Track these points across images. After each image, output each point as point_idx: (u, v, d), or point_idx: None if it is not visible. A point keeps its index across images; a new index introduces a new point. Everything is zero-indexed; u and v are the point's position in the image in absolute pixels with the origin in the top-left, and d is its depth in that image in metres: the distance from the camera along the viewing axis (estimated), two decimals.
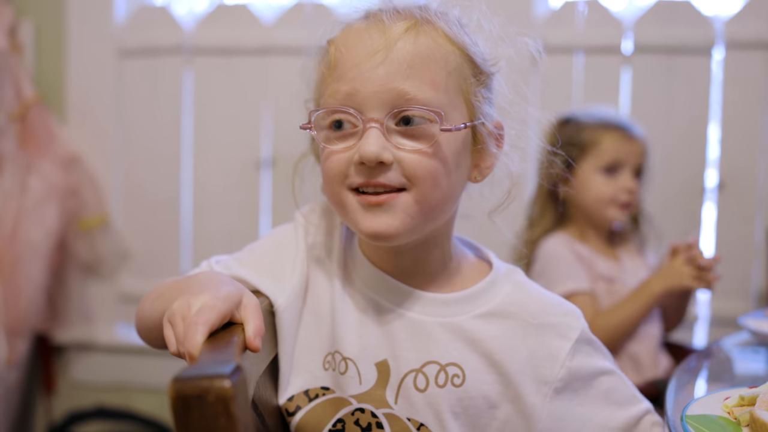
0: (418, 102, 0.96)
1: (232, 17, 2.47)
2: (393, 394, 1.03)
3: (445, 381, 1.02)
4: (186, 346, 0.82)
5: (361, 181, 0.98)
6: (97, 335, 2.60)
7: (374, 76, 0.96)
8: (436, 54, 0.99)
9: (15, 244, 2.37)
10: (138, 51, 2.52)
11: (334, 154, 1.00)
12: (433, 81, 0.98)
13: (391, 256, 1.07)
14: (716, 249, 2.31)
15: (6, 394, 2.39)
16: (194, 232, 2.54)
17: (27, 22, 2.54)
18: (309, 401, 1.05)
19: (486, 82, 1.04)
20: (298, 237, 1.13)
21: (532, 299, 1.07)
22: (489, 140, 1.04)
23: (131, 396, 2.59)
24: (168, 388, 0.71)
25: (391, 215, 0.98)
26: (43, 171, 2.43)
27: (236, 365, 0.74)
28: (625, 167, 1.91)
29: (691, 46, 2.28)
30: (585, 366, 1.04)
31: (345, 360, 1.05)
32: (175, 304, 0.88)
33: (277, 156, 2.45)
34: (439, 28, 1.01)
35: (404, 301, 1.06)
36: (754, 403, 0.94)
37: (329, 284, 1.10)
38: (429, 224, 1.01)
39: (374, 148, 0.95)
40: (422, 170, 0.97)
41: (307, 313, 1.09)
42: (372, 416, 1.02)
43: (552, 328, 1.04)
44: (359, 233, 1.02)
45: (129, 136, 2.56)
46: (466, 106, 1.02)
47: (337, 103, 0.99)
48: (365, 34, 1.00)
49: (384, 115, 0.97)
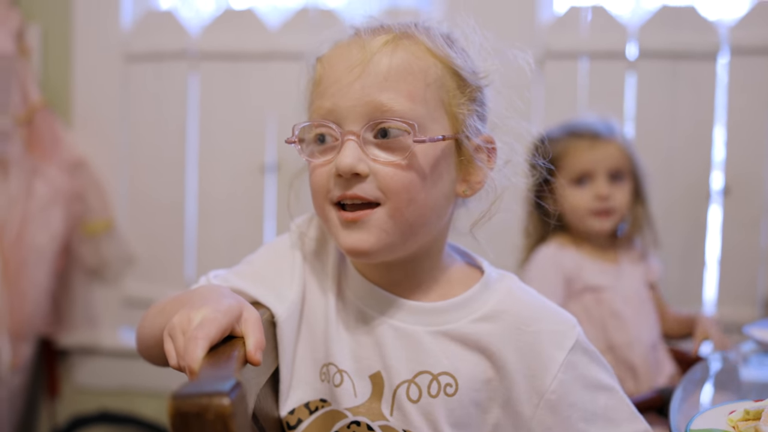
0: (395, 113, 0.96)
1: (238, 22, 2.47)
2: (388, 406, 1.02)
3: (437, 391, 1.01)
4: (186, 361, 0.82)
5: (339, 193, 0.98)
6: (102, 339, 2.60)
7: (351, 90, 0.98)
8: (414, 66, 0.99)
9: (20, 248, 2.38)
10: (144, 56, 2.52)
11: (317, 168, 1.01)
12: (410, 93, 0.98)
13: (381, 269, 1.07)
14: (721, 254, 2.30)
15: (10, 398, 2.40)
16: (199, 237, 2.55)
17: (34, 26, 2.54)
18: (310, 414, 1.05)
19: (473, 96, 1.04)
20: (294, 247, 1.13)
21: (525, 306, 1.05)
22: (476, 154, 1.03)
23: (135, 400, 2.59)
24: (167, 404, 0.71)
25: (366, 231, 0.98)
26: (49, 175, 2.44)
27: (236, 381, 0.74)
28: (596, 175, 1.90)
29: (696, 51, 2.27)
30: (581, 379, 1.02)
31: (340, 372, 1.04)
32: (176, 318, 0.88)
33: (282, 161, 2.45)
34: (420, 41, 1.01)
35: (394, 312, 1.06)
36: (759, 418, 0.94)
37: (323, 295, 1.10)
38: (409, 240, 1.01)
39: (349, 160, 0.96)
40: (395, 183, 0.97)
41: (304, 325, 1.09)
42: (368, 429, 1.02)
43: (545, 336, 1.02)
44: (341, 250, 1.03)
45: (135, 141, 2.57)
46: (449, 118, 1.01)
47: (320, 118, 1.00)
48: (346, 51, 1.01)
49: (361, 127, 0.97)
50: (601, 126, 1.94)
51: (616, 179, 1.91)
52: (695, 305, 2.30)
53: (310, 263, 1.12)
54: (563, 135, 1.92)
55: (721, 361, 1.48)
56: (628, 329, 1.86)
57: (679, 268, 2.29)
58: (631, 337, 1.85)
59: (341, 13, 2.39)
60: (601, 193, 1.88)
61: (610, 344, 1.85)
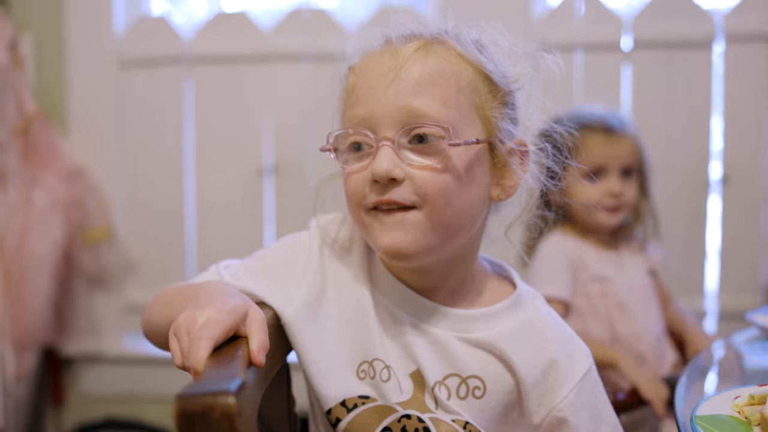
0: (428, 118, 0.97)
1: (231, 25, 2.47)
2: (432, 400, 1.04)
3: (466, 393, 1.03)
4: (191, 361, 0.82)
5: (375, 198, 0.99)
6: (105, 347, 2.60)
7: (385, 97, 0.99)
8: (446, 71, 1.00)
9: (21, 258, 2.37)
10: (138, 62, 2.52)
11: (353, 174, 1.02)
12: (443, 97, 0.99)
13: (416, 273, 1.07)
14: (722, 243, 2.30)
15: (15, 407, 2.39)
16: (199, 241, 2.54)
17: (27, 36, 2.54)
18: (348, 412, 1.05)
19: (505, 99, 1.05)
20: (312, 247, 1.13)
21: (549, 328, 1.08)
22: (510, 158, 1.04)
23: (140, 406, 2.59)
24: (172, 405, 0.71)
25: (403, 231, 0.98)
26: (47, 184, 2.44)
27: (241, 381, 0.74)
28: (610, 170, 1.88)
29: (690, 40, 2.27)
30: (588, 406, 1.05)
31: (387, 368, 1.05)
32: (181, 318, 0.89)
33: (280, 163, 2.45)
34: (451, 47, 1.02)
35: (426, 316, 1.07)
36: (764, 402, 0.94)
37: (355, 294, 1.10)
38: (446, 243, 1.01)
39: (385, 165, 0.97)
40: (432, 187, 0.97)
41: (329, 323, 1.09)
42: (419, 421, 1.03)
43: (563, 359, 1.05)
44: (379, 253, 1.03)
45: (131, 147, 2.56)
46: (482, 122, 1.02)
47: (354, 125, 1.01)
48: (378, 58, 1.02)
49: (395, 133, 0.98)
50: (614, 120, 1.92)
51: (627, 175, 1.90)
52: (697, 294, 2.31)
53: (334, 264, 1.12)
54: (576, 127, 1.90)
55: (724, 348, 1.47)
56: (635, 320, 1.86)
57: (680, 258, 2.29)
58: (638, 327, 1.85)
59: (334, 14, 2.39)
60: (614, 190, 1.87)
61: (616, 336, 1.85)
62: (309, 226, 1.16)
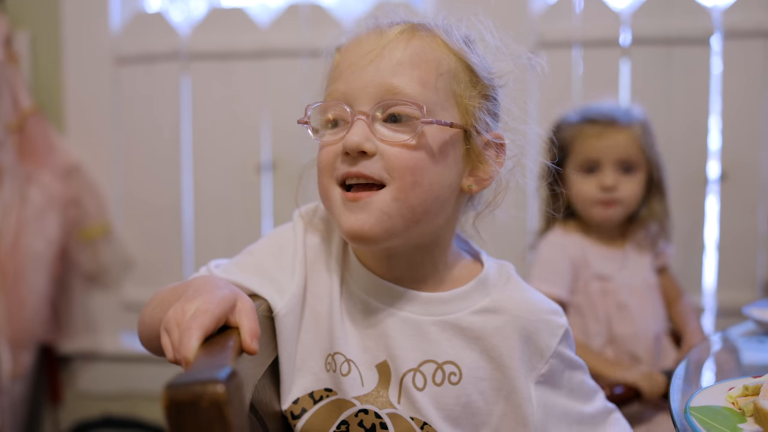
0: (405, 96, 0.98)
1: (228, 21, 2.46)
2: (395, 394, 1.03)
3: (442, 379, 1.03)
4: (181, 352, 0.82)
5: (344, 170, 0.99)
6: (102, 345, 2.59)
7: (365, 73, 1.00)
8: (429, 55, 1.02)
9: (17, 256, 2.37)
10: (135, 58, 2.52)
11: (326, 146, 1.03)
12: (422, 78, 1.00)
13: (383, 260, 1.07)
14: (720, 240, 2.30)
15: (12, 406, 2.39)
16: (196, 238, 2.54)
17: (22, 32, 2.54)
18: (314, 403, 1.05)
19: (485, 92, 1.05)
20: (297, 237, 1.13)
21: (523, 297, 1.08)
22: (485, 149, 1.04)
23: (137, 404, 2.59)
24: (161, 394, 0.71)
25: (368, 212, 0.98)
26: (43, 181, 2.43)
27: (231, 370, 0.73)
28: (604, 164, 1.86)
29: (689, 36, 2.27)
30: (566, 361, 1.08)
31: (348, 362, 1.05)
32: (170, 311, 0.88)
33: (277, 159, 2.44)
34: (436, 34, 1.04)
35: (398, 302, 1.06)
36: (758, 393, 0.95)
37: (327, 286, 1.10)
38: (411, 227, 1.01)
39: (356, 138, 0.97)
40: (401, 162, 0.98)
41: (307, 314, 1.09)
42: (376, 417, 1.02)
43: (542, 326, 1.06)
44: (342, 233, 1.03)
45: (128, 144, 2.56)
46: (459, 110, 1.03)
47: (333, 99, 1.02)
48: (364, 39, 1.04)
49: (371, 108, 0.99)
50: (620, 112, 1.90)
51: (627, 170, 1.87)
52: (695, 291, 2.30)
53: (313, 254, 1.12)
54: (577, 120, 1.89)
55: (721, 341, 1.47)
56: (633, 321, 1.85)
57: (678, 255, 2.28)
58: (636, 328, 1.84)
59: (331, 9, 2.38)
60: (605, 183, 1.85)
61: (613, 336, 1.84)
62: (293, 218, 1.16)
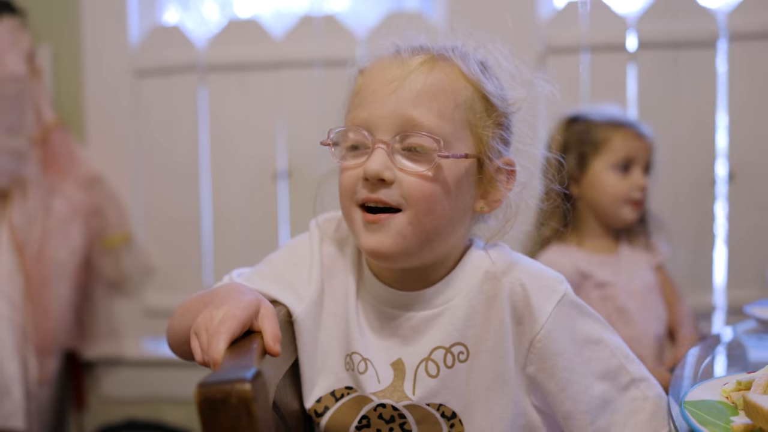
0: (423, 128, 1.03)
1: (244, 33, 2.52)
2: (410, 386, 1.10)
3: (452, 361, 1.09)
4: (210, 354, 0.89)
5: (365, 195, 1.05)
6: (125, 350, 2.64)
7: (387, 102, 1.05)
8: (447, 86, 1.06)
9: (42, 265, 2.43)
10: (153, 70, 2.57)
11: (348, 170, 1.08)
12: (440, 110, 1.05)
13: (397, 273, 1.13)
14: (729, 240, 2.33)
15: (38, 411, 2.44)
16: (215, 246, 2.59)
17: (44, 47, 2.60)
18: (336, 401, 1.12)
19: (499, 120, 1.10)
20: (313, 246, 1.19)
21: (516, 264, 1.12)
22: (497, 175, 1.10)
23: (160, 408, 2.64)
24: (194, 393, 0.77)
25: (385, 233, 1.04)
26: (66, 192, 2.49)
27: (256, 370, 0.80)
28: (637, 164, 1.92)
29: (695, 39, 2.30)
30: (567, 330, 1.09)
31: (364, 360, 1.12)
32: (199, 317, 0.96)
33: (293, 167, 2.50)
34: (455, 65, 1.08)
35: (409, 305, 1.12)
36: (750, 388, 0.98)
37: (344, 290, 1.16)
38: (425, 247, 1.07)
39: (377, 166, 1.03)
40: (418, 192, 1.03)
41: (326, 318, 1.15)
42: (393, 409, 1.09)
43: (535, 290, 1.09)
44: (363, 251, 1.09)
45: (148, 155, 2.61)
46: (474, 139, 1.08)
47: (355, 126, 1.07)
48: (387, 66, 1.09)
49: (391, 137, 1.04)
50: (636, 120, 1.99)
51: (647, 172, 1.94)
52: (705, 290, 2.33)
53: (329, 261, 1.18)
54: (603, 121, 1.94)
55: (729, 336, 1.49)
56: (634, 324, 1.88)
57: (688, 255, 2.32)
58: (637, 330, 1.87)
59: (344, 19, 2.44)
60: (642, 183, 1.91)
61: None
62: (309, 227, 1.22)
